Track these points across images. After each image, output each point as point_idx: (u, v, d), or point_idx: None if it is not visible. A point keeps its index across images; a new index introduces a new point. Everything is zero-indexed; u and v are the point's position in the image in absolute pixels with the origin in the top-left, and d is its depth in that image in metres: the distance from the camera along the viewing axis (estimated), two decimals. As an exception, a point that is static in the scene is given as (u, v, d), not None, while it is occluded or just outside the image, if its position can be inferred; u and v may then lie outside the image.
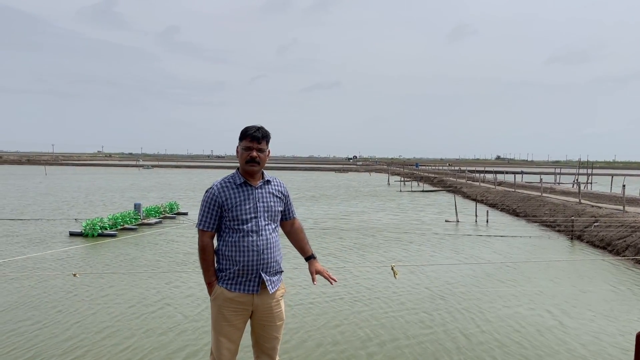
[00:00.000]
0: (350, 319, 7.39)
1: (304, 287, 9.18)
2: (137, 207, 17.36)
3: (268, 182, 3.35)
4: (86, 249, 12.85)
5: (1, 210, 20.58)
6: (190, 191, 33.66)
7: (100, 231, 14.50)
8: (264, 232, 3.20)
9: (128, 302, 8.11)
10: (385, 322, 7.29)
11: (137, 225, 16.47)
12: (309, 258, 3.56)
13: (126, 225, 15.84)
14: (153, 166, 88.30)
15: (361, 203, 27.71)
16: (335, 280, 3.49)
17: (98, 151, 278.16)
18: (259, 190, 3.27)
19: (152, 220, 17.55)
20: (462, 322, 7.38)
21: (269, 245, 3.21)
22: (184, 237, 14.66)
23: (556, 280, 10.20)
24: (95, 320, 7.16)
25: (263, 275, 3.21)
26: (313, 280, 3.48)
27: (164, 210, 19.13)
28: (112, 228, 15.07)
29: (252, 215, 3.20)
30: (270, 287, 3.25)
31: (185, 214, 20.36)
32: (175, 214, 19.90)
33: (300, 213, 22.00)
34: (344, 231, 16.54)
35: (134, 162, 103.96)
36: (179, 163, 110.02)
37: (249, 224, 3.19)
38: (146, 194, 31.13)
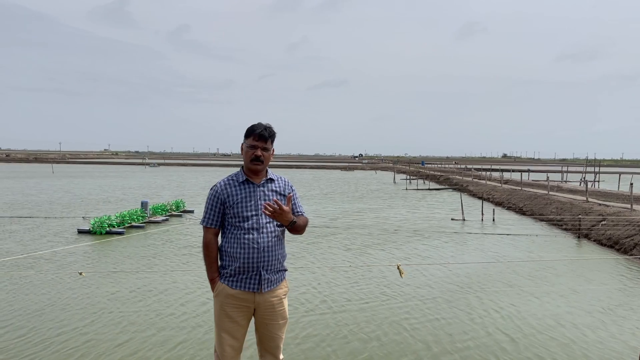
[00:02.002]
0: (390, 319, 7.37)
1: (338, 284, 9.25)
2: (144, 205, 17.46)
3: (271, 180, 3.35)
4: (94, 246, 12.94)
5: (11, 208, 20.73)
6: (201, 189, 33.72)
7: (108, 229, 14.59)
8: (264, 230, 3.21)
9: (166, 299, 8.20)
10: (426, 322, 7.23)
11: (144, 222, 16.55)
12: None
13: (133, 223, 15.93)
14: (159, 164, 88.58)
15: (372, 201, 27.79)
16: (279, 207, 3.08)
17: (104, 149, 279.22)
18: (261, 188, 3.28)
19: (159, 218, 17.64)
20: (502, 322, 7.30)
21: (269, 243, 3.22)
22: (194, 234, 14.73)
23: (588, 279, 10.20)
24: (139, 319, 7.21)
25: (263, 273, 3.22)
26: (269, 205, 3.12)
27: (170, 208, 19.22)
28: (119, 226, 15.16)
29: (253, 212, 3.22)
30: (267, 285, 3.25)
31: (192, 211, 20.43)
32: (181, 211, 19.99)
33: (315, 210, 22.14)
34: (360, 228, 16.57)
35: (140, 160, 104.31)
36: (185, 161, 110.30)
37: (250, 222, 3.20)
38: (158, 192, 31.24)
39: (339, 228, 16.73)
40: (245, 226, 3.20)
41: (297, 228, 3.27)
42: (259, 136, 3.25)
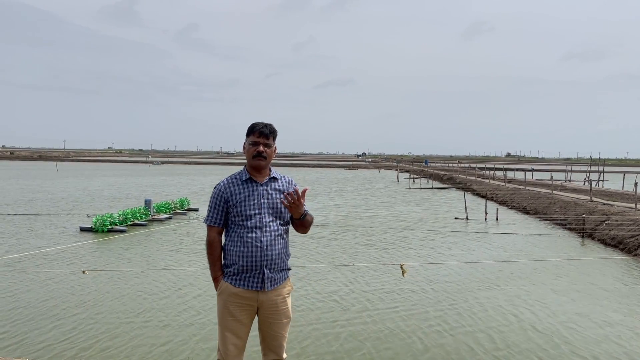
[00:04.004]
0: (429, 321, 7.34)
1: (368, 283, 9.31)
2: (147, 203, 17.44)
3: (274, 179, 3.34)
4: (95, 244, 12.97)
5: (16, 207, 20.79)
6: (210, 187, 33.84)
7: (110, 227, 14.60)
8: (267, 229, 3.20)
9: (202, 296, 8.25)
10: (466, 325, 7.17)
11: (147, 221, 16.56)
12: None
13: (136, 221, 15.93)
14: (163, 162, 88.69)
15: (380, 199, 27.98)
16: (297, 197, 3.13)
17: (108, 147, 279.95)
18: (264, 187, 3.27)
19: (163, 216, 17.64)
20: (540, 324, 7.24)
21: (273, 242, 3.20)
22: (199, 232, 14.75)
23: (616, 277, 10.27)
24: (181, 317, 7.29)
25: (266, 271, 3.20)
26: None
27: (174, 206, 19.21)
28: (122, 224, 15.17)
29: (256, 211, 3.21)
30: (271, 284, 3.24)
31: (196, 210, 20.43)
32: (186, 210, 19.99)
33: (327, 207, 22.26)
34: (373, 227, 16.62)
35: (144, 159, 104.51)
36: (188, 159, 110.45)
37: (253, 220, 3.19)
38: (165, 190, 31.28)
39: (354, 226, 16.86)
40: (248, 225, 3.19)
41: (305, 223, 3.28)
42: (260, 133, 3.25)
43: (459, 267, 10.76)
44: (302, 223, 3.28)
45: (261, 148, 3.23)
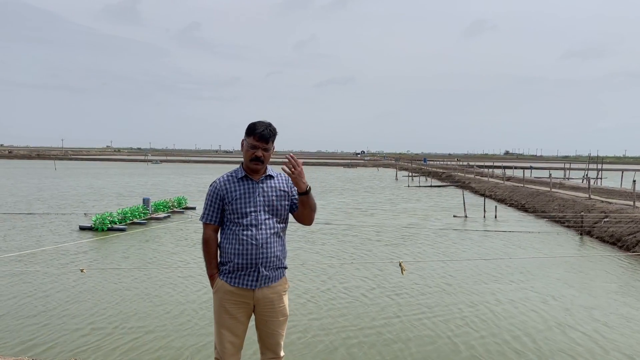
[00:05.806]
0: (457, 320, 7.31)
1: (387, 280, 9.34)
2: (145, 202, 17.46)
3: (270, 177, 3.33)
4: (98, 242, 12.98)
5: (15, 205, 20.77)
6: (207, 185, 33.91)
7: (109, 225, 14.61)
8: (263, 226, 3.19)
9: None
10: (494, 326, 7.11)
11: (146, 219, 16.57)
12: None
13: (135, 220, 15.94)
14: (161, 161, 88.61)
15: (382, 196, 28.14)
16: (295, 166, 3.06)
17: (107, 146, 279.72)
18: (260, 185, 3.27)
19: (161, 214, 17.65)
20: (563, 321, 7.21)
21: (268, 240, 3.20)
22: (198, 231, 14.77)
23: (631, 276, 10.33)
24: (205, 316, 7.38)
25: (262, 269, 3.21)
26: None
27: (172, 205, 19.23)
28: (121, 222, 15.17)
29: (252, 209, 3.20)
30: (266, 282, 3.24)
31: (193, 208, 20.44)
32: (183, 208, 20.00)
33: (332, 205, 22.44)
34: (380, 226, 16.63)
35: (142, 157, 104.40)
36: (187, 158, 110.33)
37: (249, 218, 3.19)
38: (166, 188, 31.26)
39: (363, 222, 16.94)
40: (244, 222, 3.19)
41: (310, 202, 3.19)
42: (260, 136, 3.22)
43: (470, 263, 10.85)
44: (308, 200, 3.16)
45: (259, 153, 3.21)
